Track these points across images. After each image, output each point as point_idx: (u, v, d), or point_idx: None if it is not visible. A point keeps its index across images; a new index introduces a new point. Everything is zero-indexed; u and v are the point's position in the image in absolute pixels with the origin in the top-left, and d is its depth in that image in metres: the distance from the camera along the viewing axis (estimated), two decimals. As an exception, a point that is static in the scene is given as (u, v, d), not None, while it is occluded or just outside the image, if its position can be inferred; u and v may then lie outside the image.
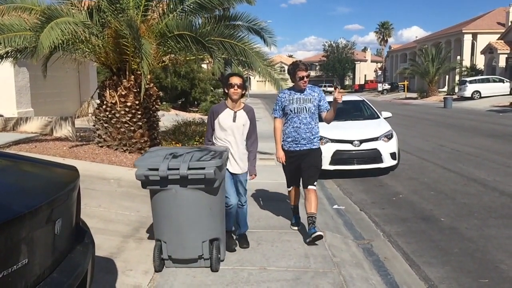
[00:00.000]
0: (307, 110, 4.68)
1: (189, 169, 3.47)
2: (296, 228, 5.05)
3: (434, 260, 4.53)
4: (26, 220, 1.86)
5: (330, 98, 4.92)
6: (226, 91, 4.34)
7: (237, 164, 4.34)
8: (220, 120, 4.30)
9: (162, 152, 3.71)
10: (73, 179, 2.45)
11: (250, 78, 48.50)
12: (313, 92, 4.75)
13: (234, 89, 4.26)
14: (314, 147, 4.74)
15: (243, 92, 4.33)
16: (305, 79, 4.63)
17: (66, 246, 2.30)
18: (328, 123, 4.89)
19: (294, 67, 4.66)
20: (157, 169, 3.50)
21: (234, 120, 4.29)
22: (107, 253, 4.08)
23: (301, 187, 4.96)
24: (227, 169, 4.18)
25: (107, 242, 4.29)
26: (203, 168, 3.48)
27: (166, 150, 3.82)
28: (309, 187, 4.69)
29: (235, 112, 4.31)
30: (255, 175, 4.55)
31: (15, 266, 1.79)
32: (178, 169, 3.47)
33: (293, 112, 4.69)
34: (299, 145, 4.70)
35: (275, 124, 4.87)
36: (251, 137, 4.45)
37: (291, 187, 5.01)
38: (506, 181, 7.79)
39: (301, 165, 4.72)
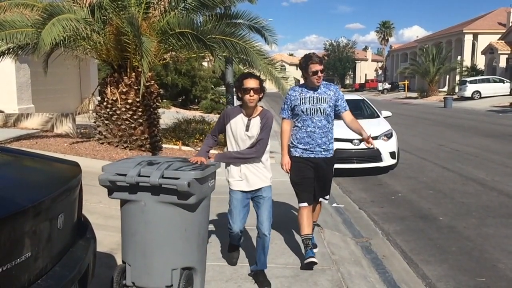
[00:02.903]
0: (322, 111, 3.99)
1: (162, 177, 2.90)
2: (313, 260, 3.89)
3: (432, 259, 4.56)
4: (30, 214, 1.89)
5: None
6: (240, 96, 3.57)
7: (253, 177, 3.58)
8: (232, 126, 3.59)
9: (138, 159, 3.23)
10: (75, 175, 2.48)
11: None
12: (329, 90, 4.07)
13: (250, 96, 3.47)
14: (329, 155, 4.09)
15: (260, 96, 3.56)
16: (319, 74, 3.93)
17: (68, 240, 2.33)
18: (349, 128, 4.17)
19: (307, 60, 3.96)
20: (125, 175, 2.95)
21: (247, 130, 3.55)
22: (108, 248, 4.12)
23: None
24: (239, 191, 3.57)
25: (108, 238, 4.32)
26: (177, 179, 2.89)
27: (145, 157, 3.32)
28: (320, 199, 4.27)
29: (249, 120, 3.57)
30: (209, 158, 3.49)
31: (18, 259, 1.81)
32: (149, 176, 2.91)
33: (305, 113, 4.00)
34: (314, 153, 4.03)
35: (282, 125, 4.17)
36: (256, 143, 3.56)
37: (305, 203, 4.05)
38: (505, 180, 7.82)
39: (315, 179, 4.08)
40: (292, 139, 4.12)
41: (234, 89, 3.98)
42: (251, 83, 3.50)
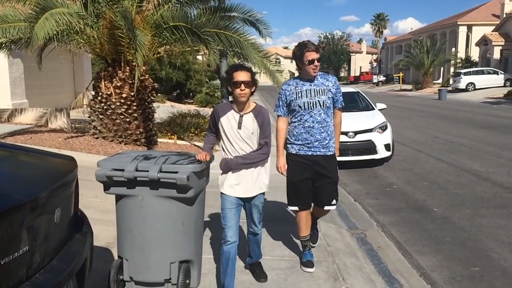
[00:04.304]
0: (322, 104, 3.64)
1: (160, 172, 2.90)
2: (310, 270, 3.79)
3: (426, 249, 4.61)
4: (27, 208, 1.90)
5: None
6: (230, 90, 3.28)
7: (251, 184, 3.33)
8: (223, 124, 3.29)
9: (133, 154, 3.18)
10: (71, 169, 2.49)
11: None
12: (327, 81, 3.72)
13: (241, 90, 3.17)
14: (329, 153, 3.72)
15: (252, 90, 3.26)
16: (316, 63, 3.57)
17: (65, 234, 2.34)
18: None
19: (301, 48, 3.59)
20: (122, 170, 2.92)
21: (239, 127, 3.25)
22: (104, 243, 4.14)
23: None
24: (232, 196, 3.32)
25: (104, 232, 4.34)
26: (176, 172, 2.89)
27: (139, 152, 3.27)
28: (326, 207, 3.81)
29: (241, 116, 3.26)
30: (208, 156, 3.11)
31: (16, 254, 1.83)
32: (147, 171, 2.90)
33: (303, 108, 3.65)
34: (312, 149, 3.68)
35: (278, 124, 3.80)
36: (261, 145, 3.32)
37: (295, 207, 3.81)
38: (499, 171, 7.88)
39: (315, 180, 3.73)
40: (288, 135, 3.79)
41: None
42: (241, 76, 3.20)
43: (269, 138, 3.33)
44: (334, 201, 3.80)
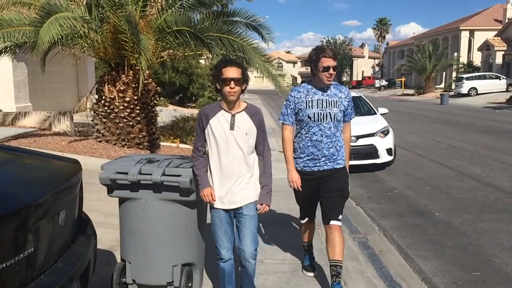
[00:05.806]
0: (332, 117, 3.39)
1: (163, 175, 2.91)
2: (311, 274, 3.81)
3: (428, 254, 4.62)
4: (32, 210, 1.93)
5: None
6: (219, 87, 2.92)
7: (240, 193, 2.95)
8: (213, 126, 2.91)
9: (137, 157, 3.19)
10: (75, 172, 2.52)
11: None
12: (340, 92, 3.48)
13: (231, 87, 2.84)
14: (338, 166, 3.48)
15: (243, 88, 2.93)
16: (331, 70, 3.30)
17: (69, 236, 2.37)
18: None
19: (318, 52, 3.32)
20: (126, 173, 2.94)
21: (232, 128, 2.90)
22: (107, 245, 4.16)
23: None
24: (219, 208, 2.98)
25: (107, 235, 4.36)
26: (179, 176, 2.91)
27: (142, 155, 3.29)
28: (332, 222, 3.42)
29: (233, 116, 2.92)
30: (268, 205, 3.01)
31: (21, 255, 1.85)
32: (150, 174, 2.91)
33: (312, 119, 3.39)
34: (318, 165, 3.44)
35: (285, 134, 3.52)
36: (261, 152, 3.03)
37: (305, 220, 3.80)
38: (500, 176, 7.89)
39: (321, 191, 3.49)
40: (294, 147, 3.55)
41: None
42: (231, 72, 2.85)
43: (267, 140, 3.07)
44: (340, 216, 3.49)
